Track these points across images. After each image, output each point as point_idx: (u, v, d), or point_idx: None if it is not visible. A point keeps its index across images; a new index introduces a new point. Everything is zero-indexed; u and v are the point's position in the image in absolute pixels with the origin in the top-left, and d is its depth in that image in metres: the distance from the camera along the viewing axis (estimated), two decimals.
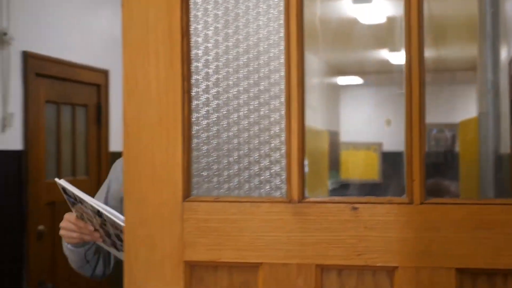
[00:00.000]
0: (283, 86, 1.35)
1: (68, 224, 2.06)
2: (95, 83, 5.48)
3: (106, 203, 2.31)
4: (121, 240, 1.94)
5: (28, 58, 4.56)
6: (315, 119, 1.41)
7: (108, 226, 1.95)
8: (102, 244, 2.08)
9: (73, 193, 1.98)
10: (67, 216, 2.07)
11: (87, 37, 5.28)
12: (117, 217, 1.92)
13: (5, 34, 4.32)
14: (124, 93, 1.40)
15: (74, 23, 5.10)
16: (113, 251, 2.08)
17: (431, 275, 1.29)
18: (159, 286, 1.38)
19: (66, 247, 2.21)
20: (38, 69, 4.67)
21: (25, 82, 4.57)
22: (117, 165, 2.38)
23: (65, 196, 2.03)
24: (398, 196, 1.32)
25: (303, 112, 1.34)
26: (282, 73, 1.35)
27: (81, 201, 1.96)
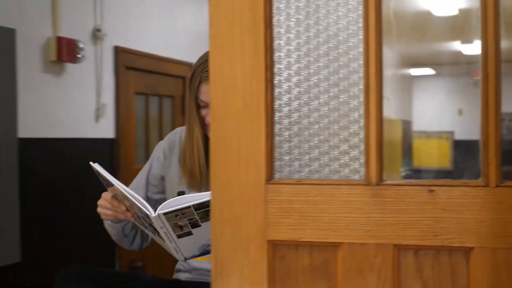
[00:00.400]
0: (361, 74, 1.34)
1: (104, 203, 2.08)
2: (180, 75, 5.55)
3: (147, 181, 2.35)
4: (147, 222, 1.94)
5: (119, 52, 4.66)
6: (389, 109, 1.39)
7: (135, 209, 1.96)
8: (135, 222, 2.08)
9: (105, 177, 1.99)
10: (104, 195, 2.09)
11: (173, 32, 5.35)
12: (141, 203, 1.92)
13: (99, 30, 4.43)
14: (211, 82, 1.41)
15: (161, 20, 5.17)
16: (143, 229, 2.08)
17: (507, 255, 1.26)
18: (244, 263, 1.40)
19: (106, 222, 2.24)
20: (128, 63, 4.77)
21: (116, 75, 4.67)
22: (159, 145, 2.40)
23: (100, 178, 2.05)
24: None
25: (381, 98, 1.32)
26: (361, 61, 1.33)
27: (113, 184, 1.97)
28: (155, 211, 1.87)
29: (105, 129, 4.57)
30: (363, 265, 1.34)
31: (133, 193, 1.96)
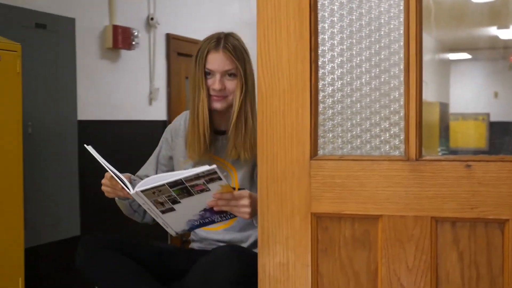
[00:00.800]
0: (402, 55, 1.33)
1: (105, 181, 2.09)
2: None
3: (157, 160, 2.36)
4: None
5: (170, 39, 4.69)
6: (427, 92, 1.39)
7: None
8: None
9: (96, 158, 2.01)
10: (106, 174, 2.10)
11: (220, 20, 5.36)
12: (123, 181, 1.92)
13: (152, 19, 4.46)
14: (258, 65, 1.42)
15: (210, 8, 5.19)
16: (141, 205, 2.07)
17: None
18: (289, 234, 1.41)
19: (116, 199, 2.26)
20: (179, 49, 4.80)
21: (168, 61, 4.71)
22: (168, 128, 2.41)
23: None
24: None
25: (421, 78, 1.32)
26: (401, 43, 1.33)
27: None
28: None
29: (158, 112, 4.62)
30: (402, 236, 1.34)
31: (115, 172, 1.96)
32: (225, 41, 2.09)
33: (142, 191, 1.87)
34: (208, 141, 2.16)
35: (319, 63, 1.39)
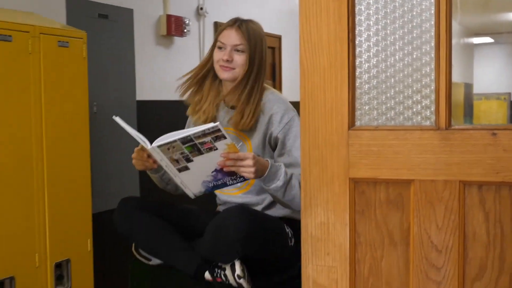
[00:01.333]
0: (433, 33, 1.32)
1: (134, 155, 2.12)
2: (270, 46, 5.56)
3: None
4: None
5: (218, 27, 4.70)
6: (452, 74, 1.37)
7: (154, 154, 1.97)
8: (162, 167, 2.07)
9: (123, 127, 2.03)
10: (135, 149, 2.13)
11: (264, 9, 5.35)
12: (141, 138, 1.95)
13: (201, 8, 4.48)
14: (300, 44, 1.42)
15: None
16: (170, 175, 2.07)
17: None
18: (329, 197, 1.42)
19: (148, 173, 2.28)
20: None
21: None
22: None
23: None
24: None
25: (450, 54, 1.30)
26: (432, 22, 1.31)
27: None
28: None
29: None
30: (433, 198, 1.34)
31: (136, 133, 1.99)
32: (241, 23, 2.16)
33: (158, 146, 1.91)
34: (212, 106, 2.21)
35: (356, 42, 1.38)
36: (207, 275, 2.09)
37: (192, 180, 2.02)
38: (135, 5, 3.88)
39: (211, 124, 1.82)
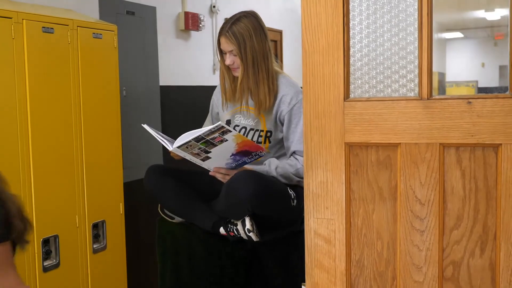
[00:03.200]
0: (416, 16, 1.31)
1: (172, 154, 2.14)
2: (273, 39, 5.52)
3: (212, 116, 2.45)
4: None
5: None
6: None
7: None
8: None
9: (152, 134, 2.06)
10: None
11: (268, 5, 5.31)
12: (165, 143, 2.00)
13: (214, 6, 4.45)
14: (302, 28, 1.41)
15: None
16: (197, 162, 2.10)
17: None
18: (327, 159, 1.42)
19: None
20: None
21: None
22: (214, 92, 2.45)
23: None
24: None
25: (431, 34, 1.29)
26: (416, 6, 1.30)
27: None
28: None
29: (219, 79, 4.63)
30: (417, 159, 1.34)
31: (161, 138, 2.02)
32: (227, 28, 2.17)
33: (178, 147, 1.93)
34: (230, 93, 2.21)
35: (350, 25, 1.37)
36: (221, 230, 2.10)
37: (216, 164, 2.04)
38: (158, 3, 3.85)
39: (215, 124, 1.86)
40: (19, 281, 1.67)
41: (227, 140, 1.90)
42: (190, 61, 4.28)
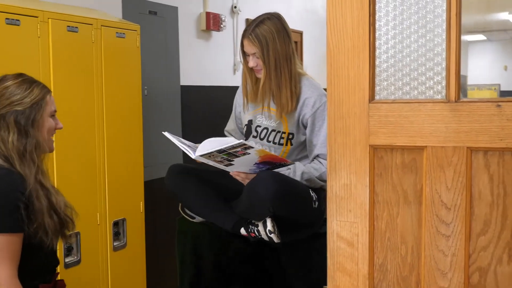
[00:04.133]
0: (444, 17, 1.28)
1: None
2: (294, 40, 5.48)
3: (235, 116, 2.43)
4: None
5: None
6: None
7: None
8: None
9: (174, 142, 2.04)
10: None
11: (289, 6, 5.28)
12: (187, 150, 1.97)
13: (235, 7, 4.44)
14: (327, 29, 1.39)
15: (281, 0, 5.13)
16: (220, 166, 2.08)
17: None
18: (351, 161, 1.39)
19: None
20: None
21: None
22: (237, 92, 2.43)
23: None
24: None
25: (460, 35, 1.26)
26: (444, 7, 1.27)
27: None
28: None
29: (239, 79, 4.60)
30: (443, 162, 1.30)
31: (182, 145, 2.00)
32: (251, 31, 2.16)
33: (200, 155, 1.91)
34: (252, 94, 2.19)
35: (376, 26, 1.34)
36: (242, 231, 2.08)
37: (240, 170, 2.03)
38: (180, 3, 3.85)
39: (238, 141, 1.83)
40: (11, 274, 1.64)
41: (249, 153, 1.89)
42: (210, 61, 4.27)
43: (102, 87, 2.70)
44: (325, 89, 2.14)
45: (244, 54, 2.20)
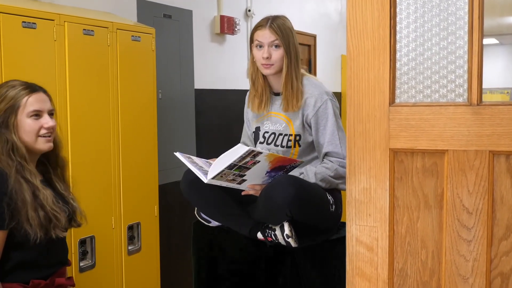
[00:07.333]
0: (466, 19, 1.27)
1: None
2: (307, 44, 5.50)
3: (248, 124, 2.38)
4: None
5: None
6: None
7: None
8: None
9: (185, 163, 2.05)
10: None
11: (302, 11, 5.29)
12: (199, 174, 1.98)
13: (249, 10, 4.45)
14: (347, 30, 1.39)
15: (294, 2, 5.13)
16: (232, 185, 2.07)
17: None
18: (371, 165, 1.39)
19: None
20: None
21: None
22: (245, 103, 2.43)
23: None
24: None
25: (482, 37, 1.26)
26: (466, 10, 1.27)
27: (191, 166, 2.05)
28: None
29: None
30: (465, 166, 1.30)
31: (195, 169, 2.00)
32: (272, 21, 2.16)
33: (212, 178, 1.91)
34: (266, 98, 2.22)
35: (397, 28, 1.35)
36: (259, 235, 2.09)
37: (253, 183, 2.03)
38: (194, 7, 3.88)
39: (245, 149, 1.83)
40: None
41: (259, 161, 1.90)
42: (224, 65, 4.28)
43: (117, 90, 2.72)
44: (339, 92, 2.15)
45: (253, 48, 2.19)
